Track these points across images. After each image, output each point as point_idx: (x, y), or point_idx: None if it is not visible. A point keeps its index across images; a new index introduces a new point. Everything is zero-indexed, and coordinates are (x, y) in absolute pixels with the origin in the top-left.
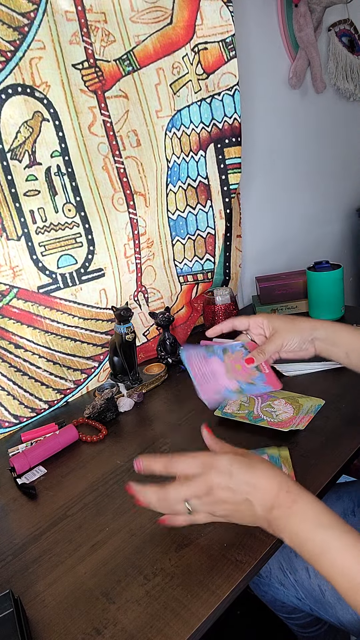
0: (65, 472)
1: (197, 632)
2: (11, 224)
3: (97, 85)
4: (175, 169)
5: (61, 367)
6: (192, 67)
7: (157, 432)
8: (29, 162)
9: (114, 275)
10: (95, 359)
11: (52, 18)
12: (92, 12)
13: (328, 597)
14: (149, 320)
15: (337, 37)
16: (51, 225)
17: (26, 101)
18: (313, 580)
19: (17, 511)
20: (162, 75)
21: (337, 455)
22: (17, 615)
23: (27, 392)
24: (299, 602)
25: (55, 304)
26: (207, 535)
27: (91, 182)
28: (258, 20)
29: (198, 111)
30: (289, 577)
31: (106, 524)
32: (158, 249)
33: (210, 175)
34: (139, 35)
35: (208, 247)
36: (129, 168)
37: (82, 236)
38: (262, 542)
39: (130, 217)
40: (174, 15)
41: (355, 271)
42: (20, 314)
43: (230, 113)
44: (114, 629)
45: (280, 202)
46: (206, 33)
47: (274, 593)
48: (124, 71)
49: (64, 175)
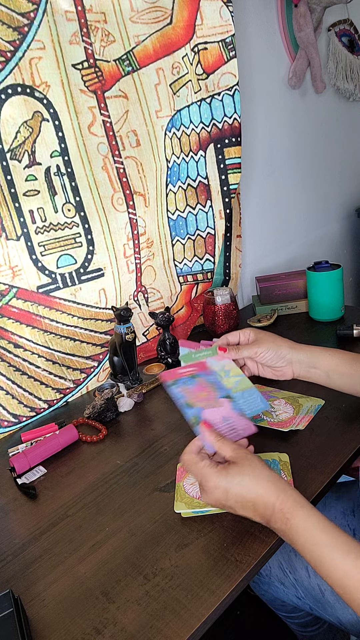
0: (65, 472)
1: (197, 632)
2: (11, 224)
3: (96, 86)
4: (175, 169)
5: (60, 367)
6: (191, 67)
7: (157, 432)
8: (28, 162)
9: (113, 275)
10: (94, 359)
11: (52, 18)
12: (92, 12)
13: (327, 597)
14: (149, 320)
15: (337, 37)
16: (50, 225)
17: (26, 101)
18: (313, 580)
19: (17, 511)
20: (162, 75)
21: (337, 455)
22: (17, 615)
23: (27, 392)
24: (299, 601)
25: (54, 304)
26: (207, 535)
27: (91, 182)
28: (258, 20)
29: (198, 111)
30: (289, 576)
31: (106, 524)
32: (158, 249)
33: (210, 175)
34: (139, 36)
35: (208, 247)
36: (129, 168)
37: (81, 236)
38: (262, 542)
39: (129, 217)
40: (173, 15)
41: (355, 271)
42: (19, 313)
43: (230, 113)
44: (113, 629)
45: (280, 202)
46: (206, 33)
47: (274, 592)
48: (124, 71)
49: (63, 175)
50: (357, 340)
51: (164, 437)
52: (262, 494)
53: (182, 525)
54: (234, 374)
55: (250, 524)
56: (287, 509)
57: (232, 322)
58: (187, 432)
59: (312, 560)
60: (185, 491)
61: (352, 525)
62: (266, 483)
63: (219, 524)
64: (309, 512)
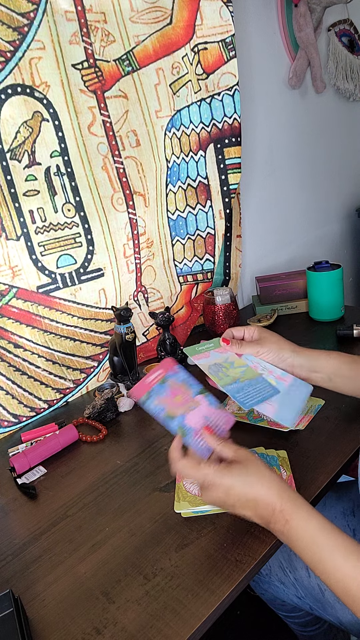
0: (65, 472)
1: (197, 632)
2: (10, 224)
3: (96, 85)
4: (174, 169)
5: (60, 367)
6: (191, 67)
7: (157, 432)
8: (28, 162)
9: (113, 275)
10: (94, 359)
11: (52, 18)
12: (92, 12)
13: (328, 597)
14: (149, 320)
15: (337, 37)
16: (50, 225)
17: (26, 101)
18: (313, 579)
19: (17, 511)
20: (162, 75)
21: (337, 455)
22: (17, 615)
23: (27, 392)
24: (299, 601)
25: (54, 304)
26: (207, 535)
27: (90, 182)
28: (258, 20)
29: (198, 111)
30: (289, 576)
31: (106, 524)
32: (158, 249)
33: (210, 175)
34: (139, 36)
35: (208, 247)
36: (129, 168)
37: (81, 236)
38: (262, 542)
39: (129, 217)
40: (173, 16)
41: (355, 271)
42: (19, 313)
43: (230, 113)
44: (113, 629)
45: (280, 202)
46: (206, 33)
47: (274, 591)
48: (124, 71)
49: (63, 175)
50: (357, 340)
51: (164, 437)
52: (264, 494)
53: (182, 525)
54: (238, 364)
55: (250, 524)
56: (288, 510)
57: (232, 322)
58: None
59: (312, 563)
60: (187, 490)
61: (352, 526)
62: (268, 484)
63: (219, 524)
64: (309, 514)
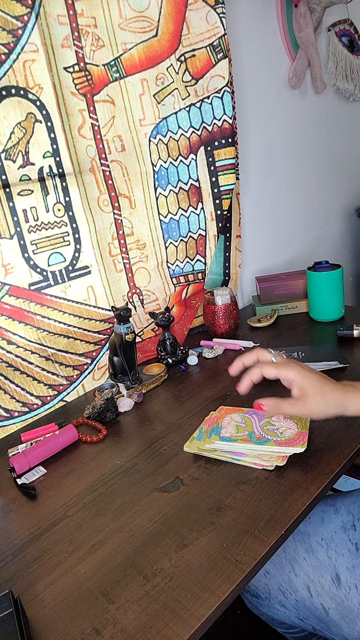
0: (65, 472)
1: (197, 633)
2: (4, 223)
3: (86, 89)
4: (162, 172)
5: (53, 363)
6: (177, 76)
7: (157, 432)
8: (22, 163)
9: (100, 273)
10: (87, 356)
11: (44, 21)
12: (83, 17)
13: (332, 616)
14: (144, 322)
15: (337, 37)
16: (42, 224)
17: (20, 103)
18: (315, 599)
19: (17, 511)
20: (146, 86)
21: (337, 455)
22: (17, 615)
23: (19, 387)
24: (301, 622)
25: (46, 301)
26: (207, 535)
27: (79, 183)
28: (258, 20)
29: (187, 116)
30: (290, 598)
31: (106, 524)
32: (151, 252)
33: (201, 178)
34: (126, 43)
35: (199, 248)
36: (114, 171)
37: (69, 235)
38: (262, 542)
39: (115, 217)
40: (159, 28)
41: (355, 271)
42: (11, 310)
43: (220, 115)
44: (113, 629)
45: (280, 202)
46: (193, 41)
47: (274, 614)
48: (112, 77)
49: (55, 175)
50: (357, 341)
51: (164, 437)
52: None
53: (182, 525)
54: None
55: (250, 524)
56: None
57: (232, 322)
58: (187, 432)
59: None
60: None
61: (354, 540)
62: None
63: (219, 524)
64: None
